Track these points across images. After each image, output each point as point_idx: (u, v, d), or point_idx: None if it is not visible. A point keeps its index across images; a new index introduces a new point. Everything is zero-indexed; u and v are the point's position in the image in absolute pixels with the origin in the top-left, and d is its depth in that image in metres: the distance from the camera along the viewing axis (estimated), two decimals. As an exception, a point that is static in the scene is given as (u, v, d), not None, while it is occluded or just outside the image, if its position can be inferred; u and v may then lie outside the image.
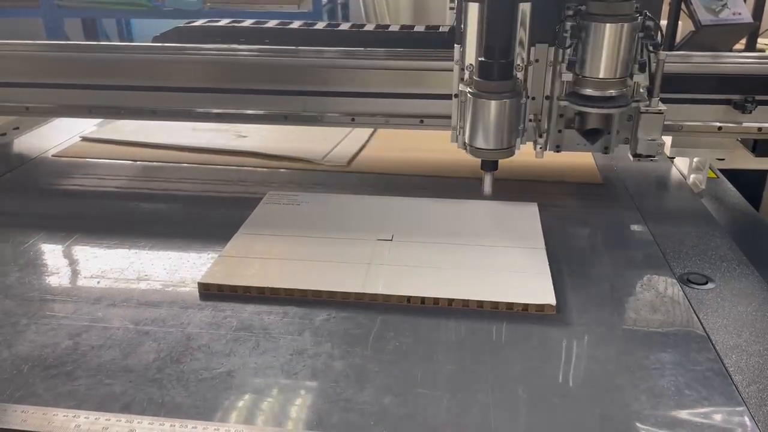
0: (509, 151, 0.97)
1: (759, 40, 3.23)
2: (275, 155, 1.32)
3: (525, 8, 0.95)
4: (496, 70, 0.92)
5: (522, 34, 0.97)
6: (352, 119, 1.20)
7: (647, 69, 0.97)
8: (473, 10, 0.95)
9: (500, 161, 0.99)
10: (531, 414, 0.66)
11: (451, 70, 1.04)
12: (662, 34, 0.97)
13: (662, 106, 0.99)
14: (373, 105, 1.19)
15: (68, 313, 0.82)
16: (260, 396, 0.68)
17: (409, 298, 0.83)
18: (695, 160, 1.21)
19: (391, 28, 1.41)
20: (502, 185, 1.04)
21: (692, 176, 1.23)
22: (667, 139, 1.16)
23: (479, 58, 0.93)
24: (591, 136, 1.05)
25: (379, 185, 1.22)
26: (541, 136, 1.06)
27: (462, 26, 0.97)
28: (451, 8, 1.01)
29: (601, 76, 0.94)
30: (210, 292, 0.85)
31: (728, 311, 0.82)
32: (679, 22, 3.07)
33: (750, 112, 1.10)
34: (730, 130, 1.13)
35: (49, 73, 1.26)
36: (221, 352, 0.74)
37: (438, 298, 0.82)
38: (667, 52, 0.97)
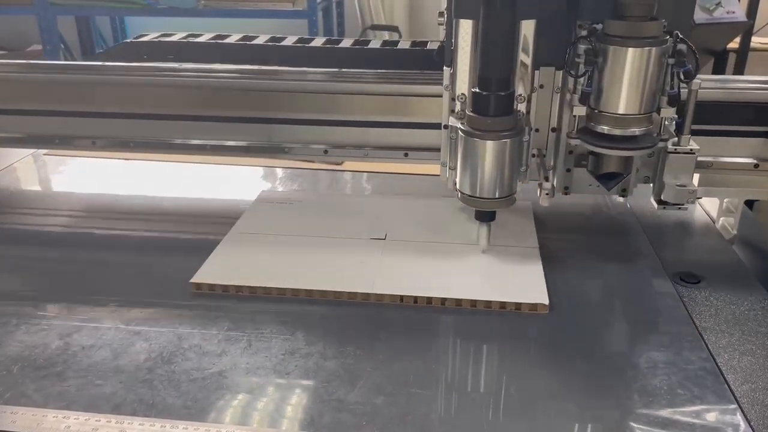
0: (509, 200, 0.84)
1: (753, 38, 3.24)
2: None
3: (528, 26, 0.80)
4: (492, 105, 0.78)
5: (524, 56, 0.82)
6: (325, 151, 1.03)
7: (682, 101, 0.81)
8: (466, 28, 0.80)
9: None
10: (524, 412, 0.66)
11: (440, 96, 0.89)
12: (696, 59, 0.78)
13: (694, 145, 0.83)
14: (349, 135, 1.02)
15: (58, 313, 0.81)
16: (252, 396, 0.68)
17: (402, 297, 0.82)
18: (726, 201, 1.03)
19: (371, 45, 1.22)
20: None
21: (722, 219, 1.04)
22: (694, 177, 0.95)
23: (473, 89, 0.79)
24: (607, 180, 0.88)
25: (372, 184, 1.21)
26: (547, 178, 0.87)
27: (452, 46, 0.83)
28: (440, 23, 0.86)
29: (621, 111, 0.78)
30: (202, 291, 0.85)
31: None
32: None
33: None
34: None
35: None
36: (213, 352, 0.74)
37: (431, 297, 0.82)
38: (700, 79, 0.80)
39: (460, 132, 0.81)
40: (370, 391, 0.68)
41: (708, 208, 1.08)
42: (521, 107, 0.83)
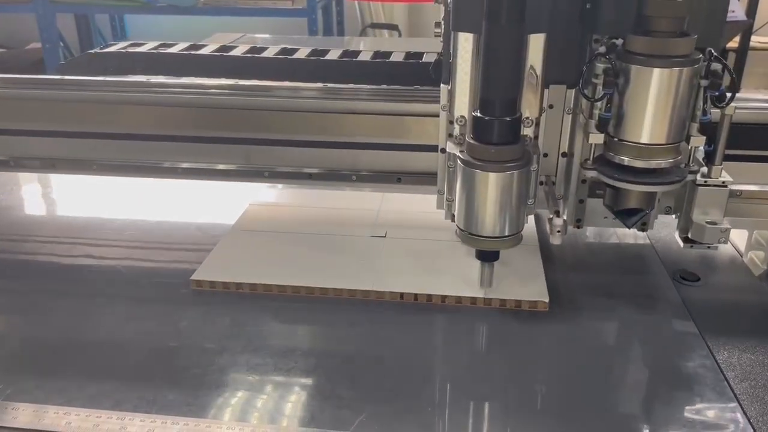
0: (515, 238, 0.73)
1: (753, 37, 3.24)
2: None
3: (536, 40, 0.70)
4: (496, 131, 0.68)
5: (532, 74, 0.71)
6: (309, 176, 0.94)
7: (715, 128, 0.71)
8: (466, 43, 0.70)
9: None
10: (524, 410, 0.66)
11: (437, 116, 0.79)
12: (733, 79, 0.69)
13: (726, 177, 0.73)
14: (333, 157, 0.93)
15: (59, 308, 0.81)
16: (252, 393, 0.68)
17: (402, 295, 0.83)
18: (755, 233, 0.92)
19: (360, 57, 1.10)
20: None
21: (750, 253, 0.93)
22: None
23: (474, 112, 0.69)
24: (627, 216, 0.76)
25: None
26: (558, 213, 0.77)
27: (450, 60, 0.73)
28: (437, 34, 0.76)
29: (644, 140, 0.68)
30: (203, 288, 0.85)
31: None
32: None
33: None
34: None
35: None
36: (213, 350, 0.74)
37: (431, 295, 0.82)
38: (735, 104, 0.70)
39: (459, 161, 0.71)
40: (370, 388, 0.68)
41: (735, 241, 0.96)
42: (528, 131, 0.72)
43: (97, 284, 0.88)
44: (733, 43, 3.19)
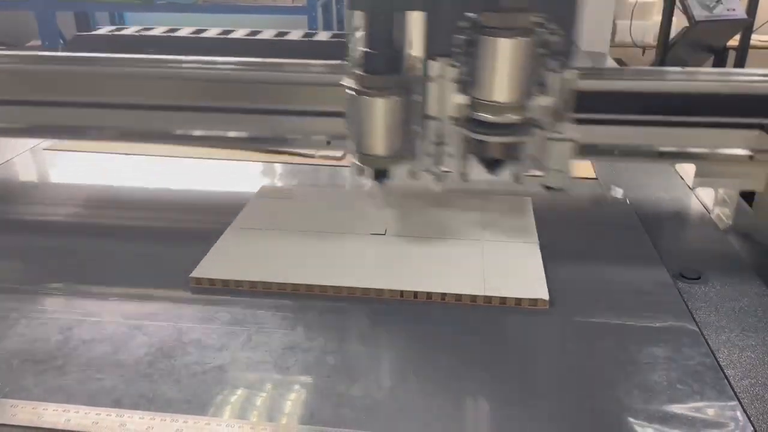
0: (404, 157, 0.88)
1: (753, 36, 3.24)
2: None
3: (415, 18, 0.84)
4: (383, 62, 0.82)
5: (416, 45, 0.85)
6: (328, 142, 1.06)
7: (558, 90, 0.85)
8: (359, 20, 0.84)
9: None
10: (523, 408, 0.66)
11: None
12: (569, 50, 0.84)
13: (574, 133, 0.88)
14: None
15: (59, 307, 0.81)
16: (252, 390, 0.68)
17: (402, 293, 0.82)
18: (721, 191, 1.08)
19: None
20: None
21: (717, 210, 1.09)
22: (690, 168, 1.05)
23: (361, 48, 0.84)
24: (492, 166, 0.91)
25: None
26: (439, 165, 0.92)
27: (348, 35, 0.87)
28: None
29: (496, 99, 0.81)
30: (202, 286, 0.85)
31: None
32: (674, 18, 3.07)
33: None
34: (765, 159, 0.98)
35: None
36: (213, 347, 0.74)
37: (431, 293, 0.82)
38: (575, 70, 0.85)
39: (349, 91, 0.84)
40: (371, 385, 0.68)
41: (704, 199, 1.12)
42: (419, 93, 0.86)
43: (96, 279, 0.87)
44: (734, 42, 3.19)
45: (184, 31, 1.29)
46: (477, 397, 0.68)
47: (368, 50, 0.83)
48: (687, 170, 1.16)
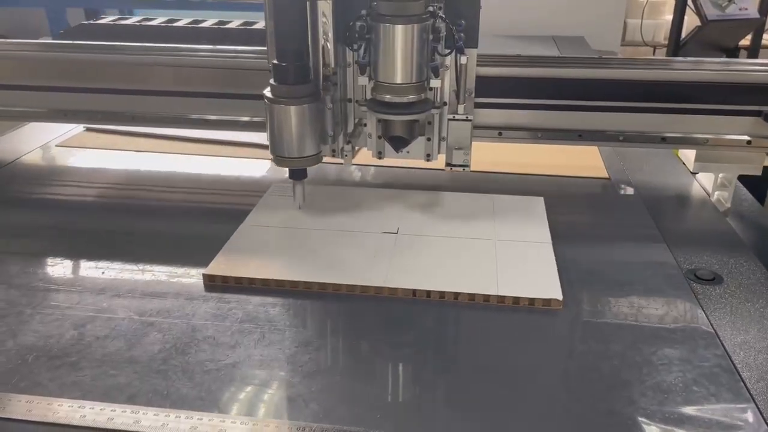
0: (315, 158, 0.93)
1: (765, 36, 3.21)
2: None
3: (324, 7, 0.89)
4: (291, 74, 0.88)
5: (324, 34, 0.91)
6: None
7: (456, 74, 0.92)
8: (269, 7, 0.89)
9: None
10: (537, 408, 0.66)
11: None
12: (453, 37, 0.89)
13: (471, 114, 0.95)
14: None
15: (73, 303, 0.81)
16: (265, 388, 0.68)
17: (414, 292, 0.82)
18: (720, 175, 1.12)
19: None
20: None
21: (717, 193, 1.13)
22: (691, 153, 1.11)
23: (272, 61, 0.89)
24: (395, 143, 0.98)
25: (383, 178, 1.21)
26: (350, 143, 1.00)
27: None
28: None
29: (392, 80, 0.88)
30: (215, 283, 0.85)
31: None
32: (685, 17, 3.05)
33: None
34: (762, 144, 1.03)
35: (23, 75, 1.18)
36: (226, 344, 0.74)
37: (444, 292, 0.82)
38: (469, 54, 0.91)
39: (266, 100, 0.90)
40: (384, 384, 0.68)
41: (704, 182, 1.16)
42: (330, 79, 0.93)
43: (110, 277, 0.88)
44: (746, 41, 3.16)
45: (181, 22, 1.50)
46: (491, 397, 0.67)
47: (277, 63, 0.88)
48: (702, 179, 1.18)
